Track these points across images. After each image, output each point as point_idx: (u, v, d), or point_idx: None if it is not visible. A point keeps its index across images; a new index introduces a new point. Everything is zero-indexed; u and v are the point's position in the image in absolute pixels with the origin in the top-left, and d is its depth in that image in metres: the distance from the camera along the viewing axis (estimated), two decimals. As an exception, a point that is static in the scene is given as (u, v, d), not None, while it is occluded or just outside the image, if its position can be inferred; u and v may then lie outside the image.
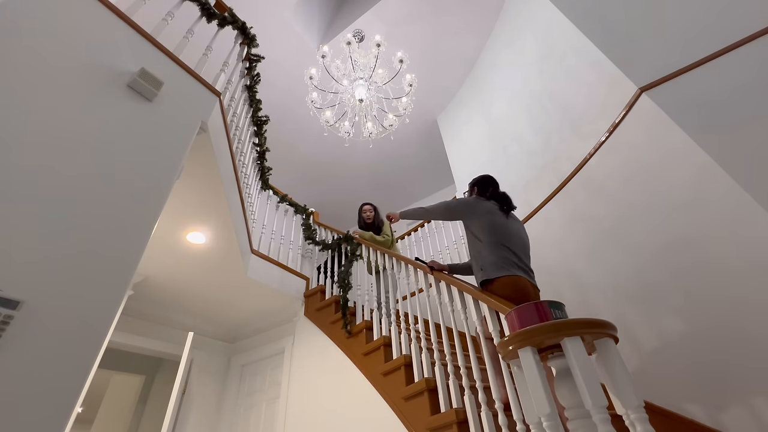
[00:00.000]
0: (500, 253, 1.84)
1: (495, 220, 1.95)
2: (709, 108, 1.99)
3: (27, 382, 0.97)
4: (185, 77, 1.88)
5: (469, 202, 2.11)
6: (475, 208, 2.05)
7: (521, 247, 1.93)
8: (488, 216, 1.97)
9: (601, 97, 2.55)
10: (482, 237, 1.94)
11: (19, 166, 1.16)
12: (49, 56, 1.38)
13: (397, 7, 3.98)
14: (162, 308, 3.46)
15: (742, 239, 1.76)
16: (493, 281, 1.79)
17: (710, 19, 2.15)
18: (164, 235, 2.58)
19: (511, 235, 1.92)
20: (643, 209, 2.22)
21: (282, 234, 3.77)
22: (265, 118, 3.04)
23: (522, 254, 1.90)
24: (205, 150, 1.98)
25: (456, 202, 2.21)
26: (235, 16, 2.38)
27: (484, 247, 1.90)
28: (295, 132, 5.20)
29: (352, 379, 2.54)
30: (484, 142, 4.03)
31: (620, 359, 0.92)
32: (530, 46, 3.40)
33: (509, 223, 1.98)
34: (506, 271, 1.78)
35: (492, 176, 2.24)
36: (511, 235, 1.92)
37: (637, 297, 2.20)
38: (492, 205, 2.03)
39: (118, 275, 1.26)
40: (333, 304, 3.09)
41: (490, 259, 1.85)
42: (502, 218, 1.98)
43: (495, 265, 1.81)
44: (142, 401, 4.63)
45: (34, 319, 1.03)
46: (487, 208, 2.01)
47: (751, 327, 1.71)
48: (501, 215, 1.99)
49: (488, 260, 1.85)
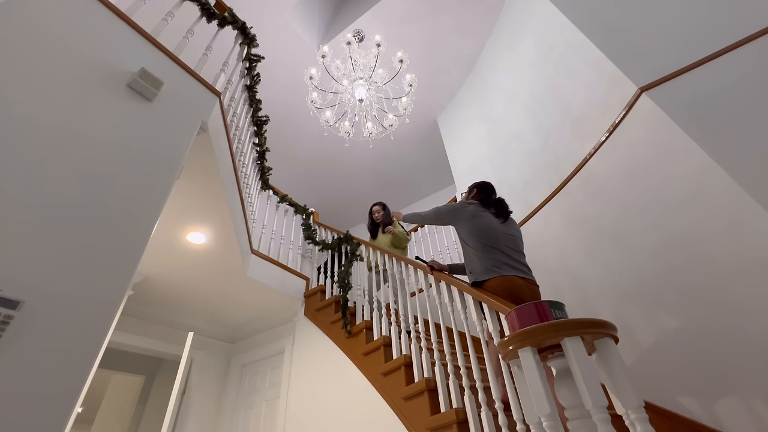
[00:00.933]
0: (489, 255, 1.85)
1: (479, 223, 1.96)
2: (709, 108, 1.99)
3: (27, 382, 0.97)
4: (185, 77, 1.88)
5: (454, 207, 2.12)
6: (459, 213, 2.07)
7: (512, 244, 1.92)
8: (472, 220, 1.99)
9: (601, 97, 2.55)
10: (470, 242, 1.96)
11: (19, 166, 1.15)
12: (49, 56, 1.38)
13: (396, 7, 3.98)
14: (162, 308, 3.46)
15: (742, 239, 1.76)
16: (482, 284, 1.81)
17: (710, 19, 2.15)
18: (164, 235, 2.58)
19: (499, 236, 1.92)
20: (642, 209, 2.22)
21: (282, 234, 3.77)
22: (265, 118, 3.04)
23: (513, 252, 1.90)
24: (205, 150, 1.98)
25: (444, 208, 2.20)
26: (235, 16, 2.38)
27: (472, 251, 1.93)
28: (295, 132, 5.20)
29: (352, 378, 2.54)
30: (484, 141, 4.03)
31: (620, 359, 0.92)
32: (530, 46, 3.40)
33: (496, 222, 1.98)
34: (495, 273, 1.79)
35: (490, 183, 2.24)
36: (499, 236, 1.92)
37: (637, 296, 2.20)
38: (475, 208, 2.03)
39: (118, 275, 1.26)
40: (333, 304, 3.09)
41: (477, 262, 1.88)
42: (488, 219, 1.98)
43: (484, 268, 1.83)
44: (142, 401, 4.63)
45: (34, 319, 1.03)
46: (471, 212, 2.02)
47: (751, 327, 1.71)
48: (487, 216, 1.99)
49: (477, 264, 1.88)
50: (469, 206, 2.05)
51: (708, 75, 2.05)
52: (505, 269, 1.80)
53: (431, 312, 2.23)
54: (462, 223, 2.04)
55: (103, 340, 1.16)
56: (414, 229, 4.57)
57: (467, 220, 2.01)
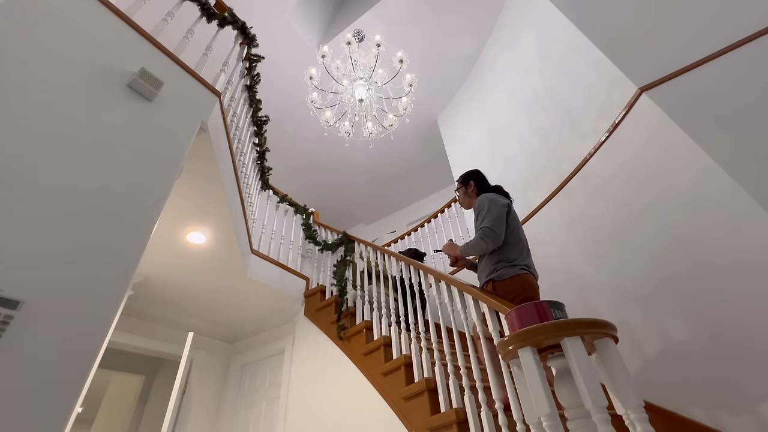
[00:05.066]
0: (516, 249, 1.85)
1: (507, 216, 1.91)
2: (709, 108, 1.99)
3: (27, 382, 0.97)
4: (185, 77, 1.88)
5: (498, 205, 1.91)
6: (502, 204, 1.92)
7: (526, 243, 1.94)
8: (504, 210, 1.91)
9: (601, 97, 2.55)
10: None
11: (19, 166, 1.15)
12: (49, 56, 1.38)
13: (397, 7, 3.98)
14: (162, 308, 3.46)
15: (742, 239, 1.76)
16: (511, 278, 1.76)
17: (710, 19, 2.15)
18: (164, 235, 2.58)
19: (521, 232, 1.93)
20: (643, 209, 2.22)
21: (282, 234, 3.77)
22: (265, 118, 3.05)
23: (527, 251, 1.91)
24: (205, 150, 1.98)
25: (493, 207, 1.89)
26: (235, 16, 2.38)
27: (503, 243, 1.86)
28: (295, 132, 5.20)
29: (352, 379, 2.54)
30: (484, 142, 4.03)
31: (620, 359, 0.92)
32: (530, 46, 3.40)
33: (516, 219, 1.98)
34: (521, 270, 1.78)
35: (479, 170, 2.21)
36: (521, 232, 1.93)
37: (637, 297, 2.20)
38: (505, 199, 1.99)
39: (118, 275, 1.26)
40: (333, 305, 3.09)
41: (506, 255, 1.82)
42: (512, 211, 1.97)
43: (510, 261, 1.80)
44: (142, 401, 4.63)
45: (34, 319, 1.03)
46: (503, 202, 1.93)
47: (751, 327, 1.71)
48: (510, 207, 1.96)
49: (504, 257, 1.82)
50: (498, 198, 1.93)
51: (708, 75, 2.05)
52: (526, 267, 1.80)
53: (431, 312, 2.23)
54: None
55: (103, 340, 1.16)
56: (414, 229, 4.57)
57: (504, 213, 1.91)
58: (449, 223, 4.18)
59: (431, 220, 4.41)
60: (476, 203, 1.97)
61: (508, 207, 1.94)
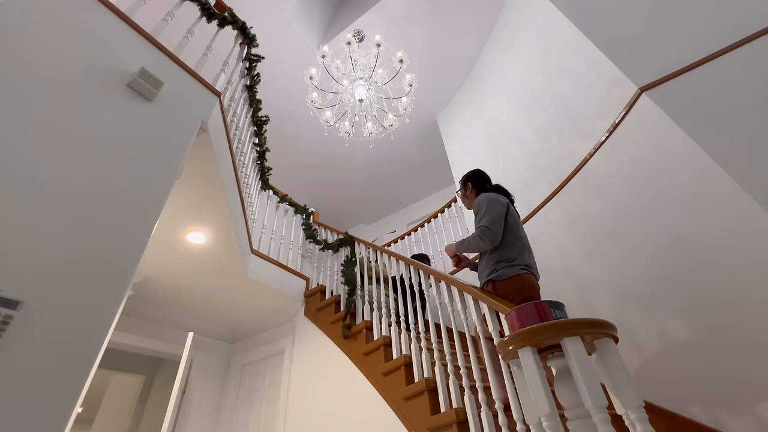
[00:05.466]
0: (516, 248, 1.85)
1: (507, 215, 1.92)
2: (709, 108, 1.99)
3: (27, 382, 0.97)
4: (185, 77, 1.88)
5: (493, 199, 1.94)
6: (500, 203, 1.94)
7: (526, 242, 1.94)
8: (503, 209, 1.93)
9: (601, 97, 2.55)
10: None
11: (19, 166, 1.15)
12: (49, 56, 1.38)
13: (396, 7, 3.98)
14: (162, 308, 3.46)
15: (742, 239, 1.76)
16: (511, 278, 1.76)
17: (710, 19, 2.15)
18: (164, 235, 2.58)
19: (521, 231, 1.93)
20: (643, 209, 2.22)
21: (282, 234, 3.77)
22: (265, 118, 3.05)
23: (528, 250, 1.91)
24: (205, 150, 1.98)
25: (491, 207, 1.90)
26: (235, 16, 2.38)
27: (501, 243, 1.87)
28: (295, 132, 5.20)
29: (352, 378, 2.54)
30: (484, 141, 4.03)
31: (620, 359, 0.92)
32: (530, 46, 3.40)
33: (516, 218, 1.98)
34: (521, 270, 1.78)
35: (480, 170, 2.22)
36: (521, 231, 1.93)
37: (637, 296, 2.20)
38: (505, 198, 2.00)
39: (118, 275, 1.26)
40: (333, 304, 3.09)
41: (506, 255, 1.83)
42: (512, 210, 1.97)
43: (510, 261, 1.81)
44: (142, 401, 4.63)
45: (34, 319, 1.03)
46: (502, 202, 1.96)
47: (751, 326, 1.71)
48: (509, 207, 1.97)
49: (504, 257, 1.83)
50: (497, 197, 1.95)
51: (708, 75, 2.05)
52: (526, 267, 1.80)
53: (431, 312, 2.23)
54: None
55: (103, 339, 1.16)
56: (415, 229, 4.57)
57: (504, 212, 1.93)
58: (449, 223, 4.18)
59: (431, 220, 4.41)
60: (475, 203, 2.00)
61: (507, 206, 1.95)
